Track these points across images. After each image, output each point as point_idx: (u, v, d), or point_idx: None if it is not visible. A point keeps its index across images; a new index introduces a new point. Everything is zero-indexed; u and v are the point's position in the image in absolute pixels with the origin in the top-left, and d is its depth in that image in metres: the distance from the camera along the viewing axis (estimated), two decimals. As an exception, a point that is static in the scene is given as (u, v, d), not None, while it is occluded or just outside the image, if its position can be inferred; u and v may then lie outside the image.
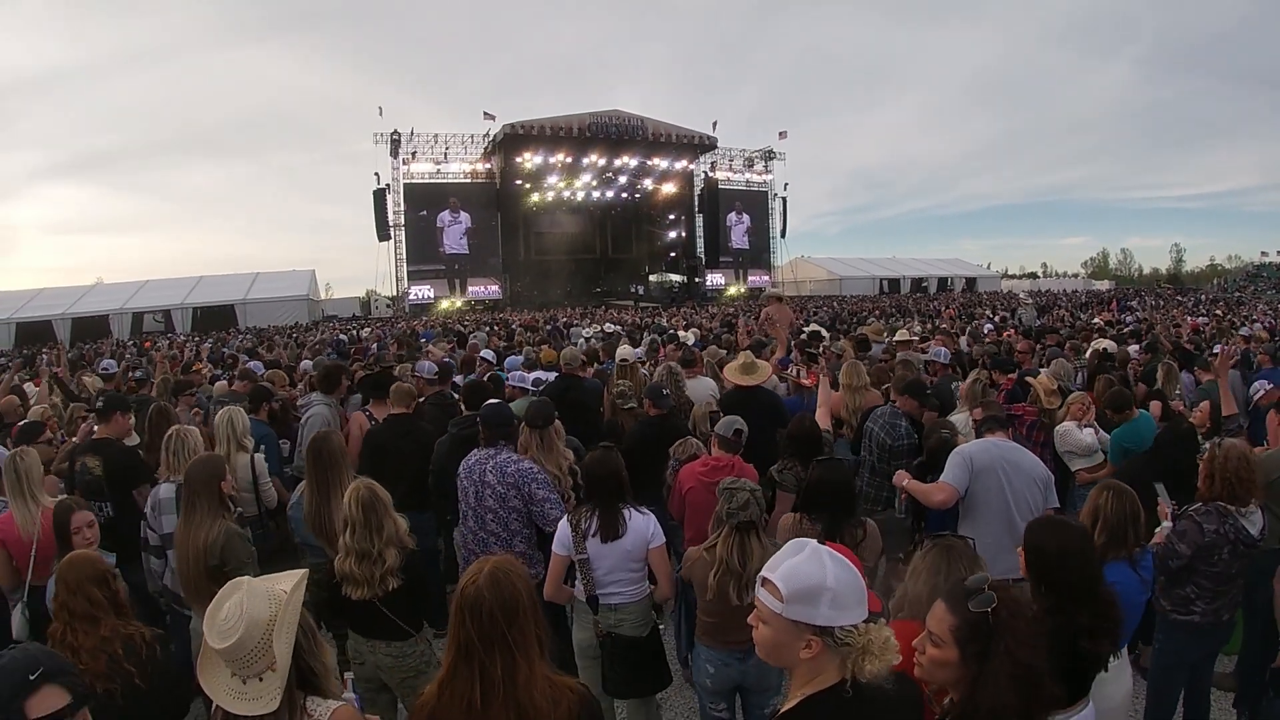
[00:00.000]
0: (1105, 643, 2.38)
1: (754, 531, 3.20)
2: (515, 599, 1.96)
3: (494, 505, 4.04)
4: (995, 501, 3.93)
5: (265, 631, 1.90)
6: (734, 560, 3.15)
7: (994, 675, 1.77)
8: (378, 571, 3.19)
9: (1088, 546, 2.52)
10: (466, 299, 42.74)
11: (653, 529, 3.53)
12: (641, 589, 3.55)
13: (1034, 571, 2.49)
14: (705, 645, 3.40)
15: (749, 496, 3.17)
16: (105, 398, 5.18)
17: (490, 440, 4.20)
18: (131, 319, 36.13)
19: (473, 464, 4.15)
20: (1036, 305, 24.22)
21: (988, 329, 13.08)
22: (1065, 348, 9.23)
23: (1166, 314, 20.66)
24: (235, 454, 4.74)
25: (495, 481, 4.04)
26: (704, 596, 3.27)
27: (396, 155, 40.89)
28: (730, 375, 6.03)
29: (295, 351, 14.02)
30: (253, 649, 1.88)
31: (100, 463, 4.64)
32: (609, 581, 3.48)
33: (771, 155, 51.47)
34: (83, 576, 2.76)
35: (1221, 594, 3.51)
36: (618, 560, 3.46)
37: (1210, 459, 3.54)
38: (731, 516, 3.16)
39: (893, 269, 58.37)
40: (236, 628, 1.87)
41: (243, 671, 1.91)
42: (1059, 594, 2.40)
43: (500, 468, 4.06)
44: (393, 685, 3.44)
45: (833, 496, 3.50)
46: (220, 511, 3.69)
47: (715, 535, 3.29)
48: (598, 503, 3.53)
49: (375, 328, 24.98)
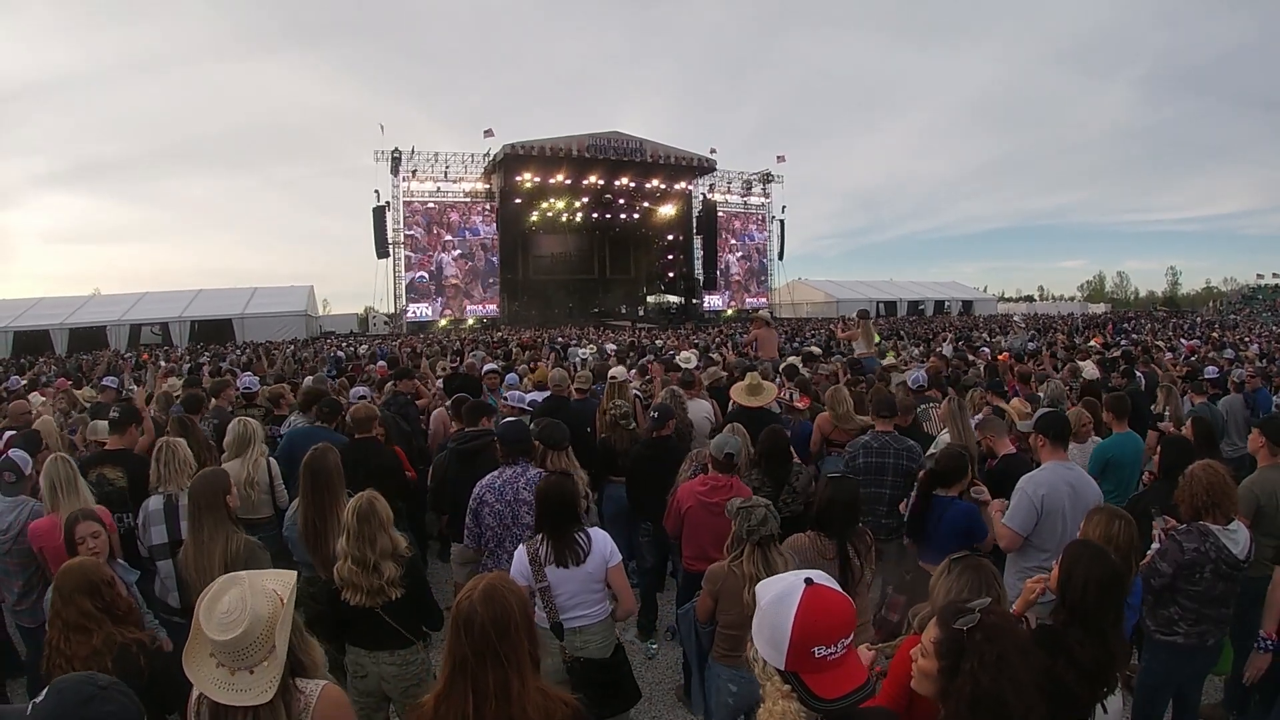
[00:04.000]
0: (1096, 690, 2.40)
1: (773, 545, 3.32)
2: (507, 615, 2.01)
3: (531, 522, 3.97)
4: (1048, 538, 3.93)
5: (269, 627, 1.97)
6: (762, 573, 3.19)
7: (955, 695, 1.81)
8: (377, 581, 3.22)
9: (1116, 586, 2.53)
10: (464, 318, 42.72)
11: (610, 548, 3.50)
12: (604, 609, 3.54)
13: (1060, 589, 2.55)
14: (727, 665, 3.44)
15: (765, 512, 3.29)
16: (120, 410, 5.23)
17: (510, 458, 4.19)
18: (129, 331, 36.06)
19: (500, 485, 4.11)
20: (1032, 328, 24.31)
21: (983, 351, 13.20)
22: (1065, 370, 9.34)
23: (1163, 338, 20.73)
24: (258, 458, 4.81)
25: (530, 497, 3.98)
26: (732, 610, 3.31)
27: (397, 173, 41.02)
28: (737, 396, 6.11)
29: (294, 368, 14.03)
30: (253, 643, 1.94)
31: (122, 473, 4.68)
32: (572, 605, 3.44)
33: (770, 178, 51.77)
34: (74, 587, 2.78)
35: (1206, 617, 3.54)
36: (580, 584, 3.43)
37: (1181, 486, 3.63)
38: (752, 534, 3.26)
39: (889, 292, 58.43)
40: (240, 621, 1.92)
41: (234, 663, 1.95)
42: (1073, 619, 2.46)
43: (534, 483, 3.99)
44: (395, 696, 3.45)
45: (844, 513, 3.64)
46: (229, 524, 3.71)
47: (737, 553, 3.34)
48: (549, 530, 3.46)
49: (373, 344, 24.96)
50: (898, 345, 15.83)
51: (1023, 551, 3.91)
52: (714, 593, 3.41)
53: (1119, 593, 2.56)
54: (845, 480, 3.84)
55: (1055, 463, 4.07)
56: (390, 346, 20.29)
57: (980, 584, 2.43)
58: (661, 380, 7.80)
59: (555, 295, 48.76)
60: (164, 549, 4.08)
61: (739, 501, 3.39)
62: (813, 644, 1.63)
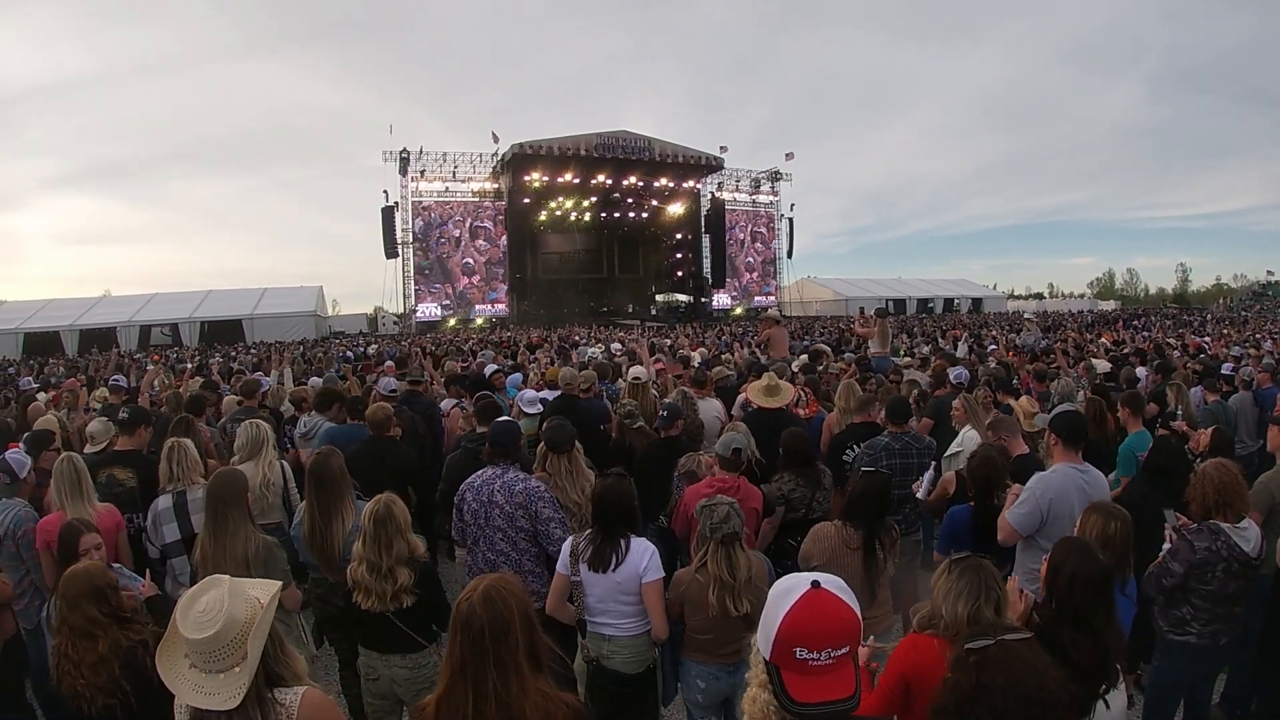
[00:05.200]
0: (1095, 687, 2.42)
1: (737, 543, 3.29)
2: (507, 617, 2.02)
3: (502, 524, 3.99)
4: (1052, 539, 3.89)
5: (242, 631, 1.97)
6: (725, 574, 3.22)
7: None
8: (390, 587, 3.22)
9: (1103, 582, 2.56)
10: (472, 318, 42.84)
11: (646, 562, 3.34)
12: (636, 625, 3.39)
13: (1048, 585, 2.61)
14: (696, 661, 3.43)
15: (728, 509, 3.27)
16: (130, 411, 5.26)
17: (495, 459, 4.16)
18: (139, 332, 36.27)
19: (479, 484, 4.10)
20: (1041, 325, 24.18)
21: (991, 349, 13.16)
22: (1079, 368, 9.30)
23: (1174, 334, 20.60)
24: (272, 460, 4.81)
25: (504, 501, 4.00)
26: (699, 615, 3.30)
27: (405, 173, 41.13)
28: (754, 397, 6.05)
29: (304, 368, 14.05)
30: (226, 645, 1.94)
31: (133, 474, 4.68)
32: (600, 610, 3.38)
33: (778, 176, 51.63)
34: (79, 593, 2.76)
35: (1219, 616, 3.53)
36: (607, 590, 3.35)
37: (1192, 485, 3.63)
38: (715, 532, 3.24)
39: (898, 289, 58.28)
40: (215, 621, 1.93)
41: (205, 665, 1.96)
42: (1060, 615, 2.51)
43: (508, 487, 4.02)
44: (407, 699, 3.44)
45: (875, 505, 3.68)
46: (249, 524, 3.71)
47: (701, 554, 3.33)
48: (600, 530, 3.43)
49: (381, 344, 25.00)
50: (910, 345, 15.74)
51: (1029, 552, 3.87)
52: (679, 598, 3.39)
53: (1108, 589, 2.60)
54: (879, 474, 3.87)
55: (1068, 464, 3.96)
56: (400, 346, 20.31)
57: (980, 585, 2.42)
58: (672, 379, 7.78)
59: (564, 295, 48.82)
60: (178, 545, 4.09)
61: (704, 501, 3.38)
62: (796, 644, 1.63)
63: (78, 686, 2.64)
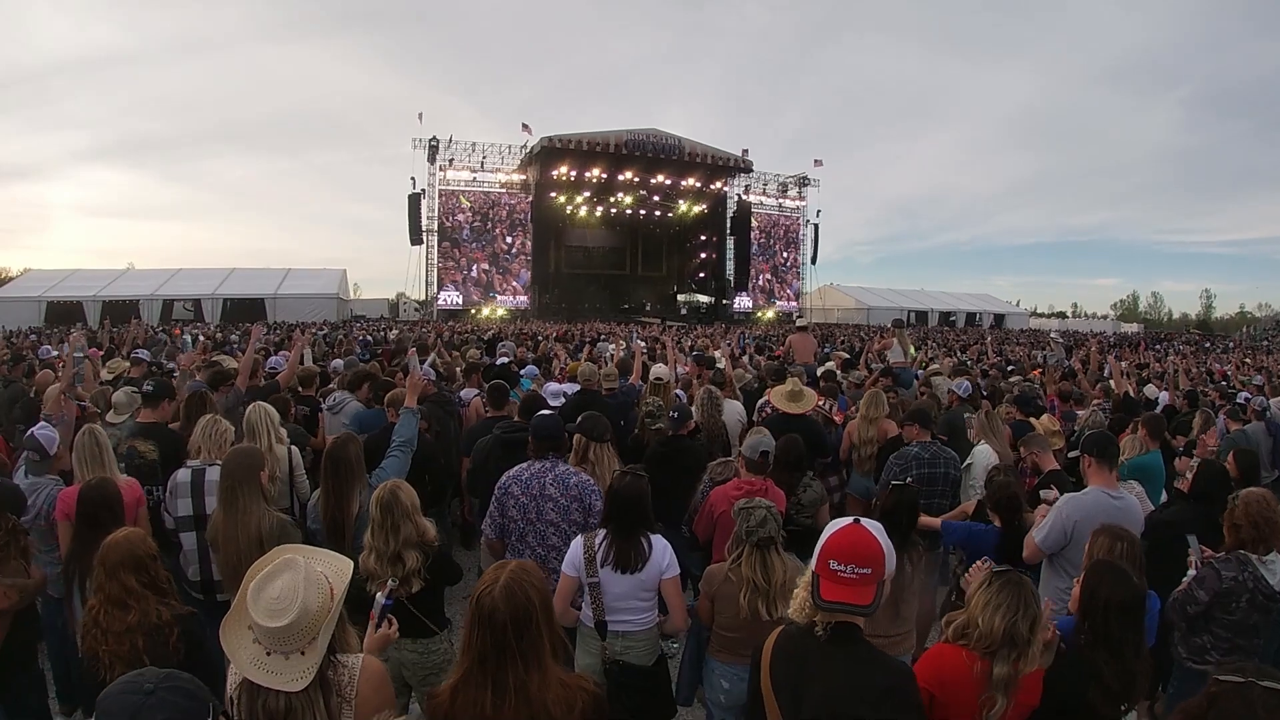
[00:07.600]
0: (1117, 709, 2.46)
1: (774, 547, 3.26)
2: (529, 608, 2.01)
3: (555, 519, 3.95)
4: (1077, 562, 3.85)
5: (315, 622, 1.93)
6: (759, 578, 3.19)
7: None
8: (399, 572, 3.21)
9: (1138, 608, 2.59)
10: (494, 307, 42.87)
11: (668, 560, 3.38)
12: (651, 617, 3.43)
13: (1081, 606, 2.62)
14: (721, 661, 3.41)
15: (765, 513, 3.25)
16: (154, 384, 5.30)
17: (541, 452, 4.12)
18: (161, 305, 36.61)
19: (528, 478, 4.02)
20: (1065, 345, 23.95)
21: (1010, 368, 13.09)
22: (1097, 388, 9.23)
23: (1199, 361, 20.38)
24: (275, 445, 4.79)
25: (558, 494, 3.95)
26: (728, 614, 3.28)
27: (434, 161, 41.27)
28: (777, 402, 6.03)
29: (324, 350, 14.11)
30: (298, 634, 1.91)
31: (154, 447, 4.71)
32: (619, 609, 3.35)
33: (806, 181, 51.44)
34: (118, 562, 2.73)
35: (1240, 647, 3.49)
36: (630, 589, 3.34)
37: (1230, 511, 3.58)
38: (751, 535, 3.23)
39: (921, 301, 57.93)
40: (289, 610, 1.89)
41: (272, 645, 1.92)
42: (1096, 640, 2.53)
43: (561, 480, 3.98)
44: (414, 683, 3.45)
45: (907, 517, 3.66)
46: (263, 502, 3.71)
47: (736, 555, 3.30)
48: (616, 529, 3.39)
49: (402, 329, 25.09)
50: (928, 351, 15.60)
51: (1056, 571, 3.84)
52: (710, 595, 3.38)
53: (1141, 614, 2.63)
54: (908, 488, 3.83)
55: (1100, 489, 3.91)
56: (422, 333, 20.37)
57: (1020, 601, 2.41)
58: (697, 379, 7.76)
59: (585, 289, 48.85)
60: (189, 521, 4.09)
61: (741, 502, 3.36)
62: (830, 557, 2.12)
63: (100, 651, 2.63)
